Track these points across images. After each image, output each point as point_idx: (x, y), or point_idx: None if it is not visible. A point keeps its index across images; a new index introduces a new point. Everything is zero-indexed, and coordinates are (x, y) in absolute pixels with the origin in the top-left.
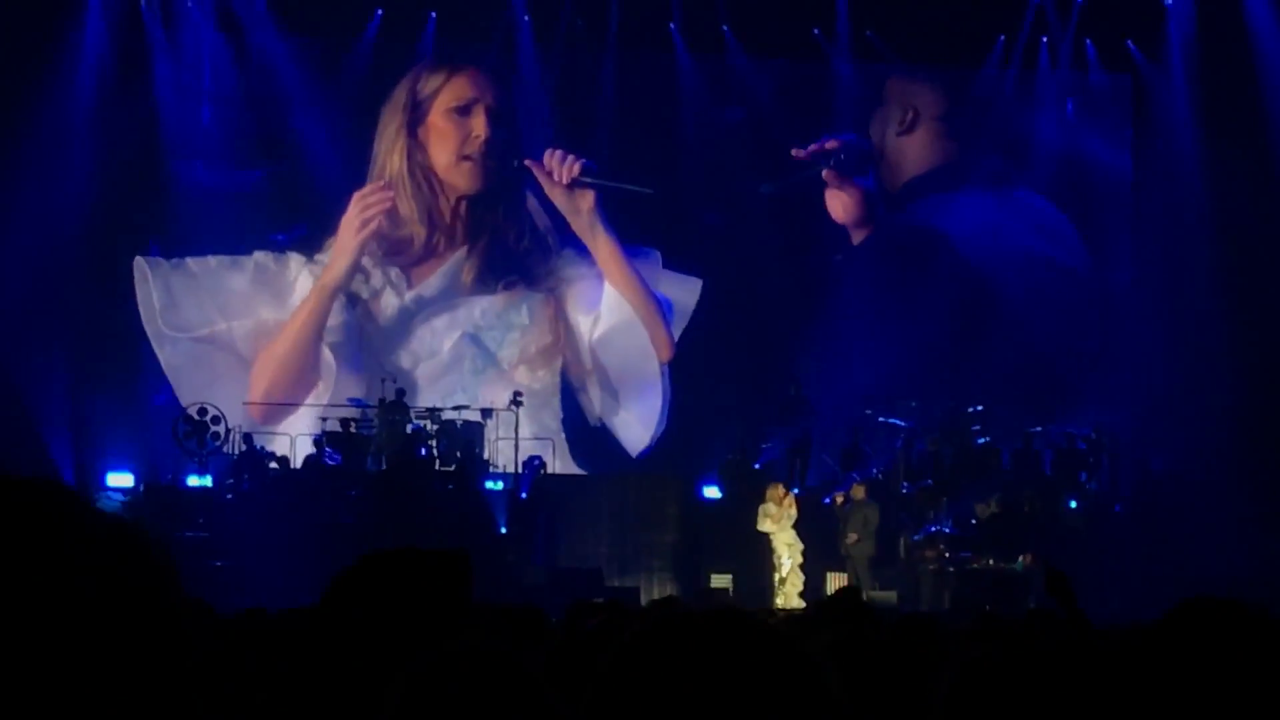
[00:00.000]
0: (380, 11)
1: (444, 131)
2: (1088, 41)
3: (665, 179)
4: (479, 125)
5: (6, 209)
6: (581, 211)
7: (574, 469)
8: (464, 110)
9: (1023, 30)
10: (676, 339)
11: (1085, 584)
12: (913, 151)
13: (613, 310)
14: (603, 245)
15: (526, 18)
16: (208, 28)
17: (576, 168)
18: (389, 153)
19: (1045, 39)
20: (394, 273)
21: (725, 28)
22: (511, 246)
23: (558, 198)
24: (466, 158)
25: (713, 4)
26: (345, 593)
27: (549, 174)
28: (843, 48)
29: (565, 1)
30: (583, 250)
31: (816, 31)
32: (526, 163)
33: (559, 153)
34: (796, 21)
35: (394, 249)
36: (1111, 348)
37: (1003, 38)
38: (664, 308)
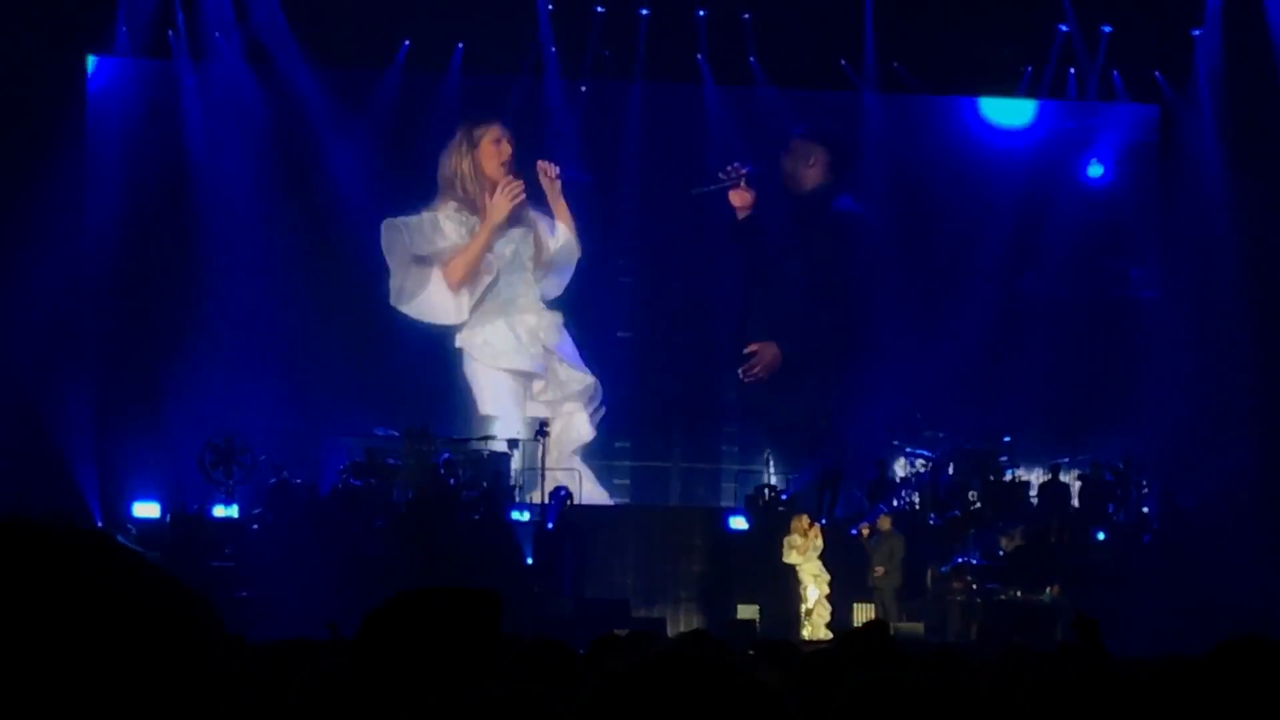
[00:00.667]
0: (407, 43)
1: (489, 152)
2: (1115, 73)
3: (687, 208)
4: (506, 148)
5: (33, 240)
6: (554, 190)
7: (600, 492)
8: (497, 141)
9: (1050, 61)
10: None
11: (1113, 616)
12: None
13: (560, 233)
14: (559, 204)
15: (553, 49)
16: (235, 59)
17: (555, 170)
18: (458, 162)
19: (1072, 70)
20: (474, 219)
21: (752, 59)
22: (516, 206)
23: (544, 184)
24: (501, 164)
25: (741, 36)
26: (378, 631)
27: (544, 173)
28: (870, 78)
29: (592, 32)
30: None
31: (844, 62)
32: (537, 167)
33: (543, 163)
34: (825, 53)
35: (471, 209)
36: (1139, 378)
37: (1030, 68)
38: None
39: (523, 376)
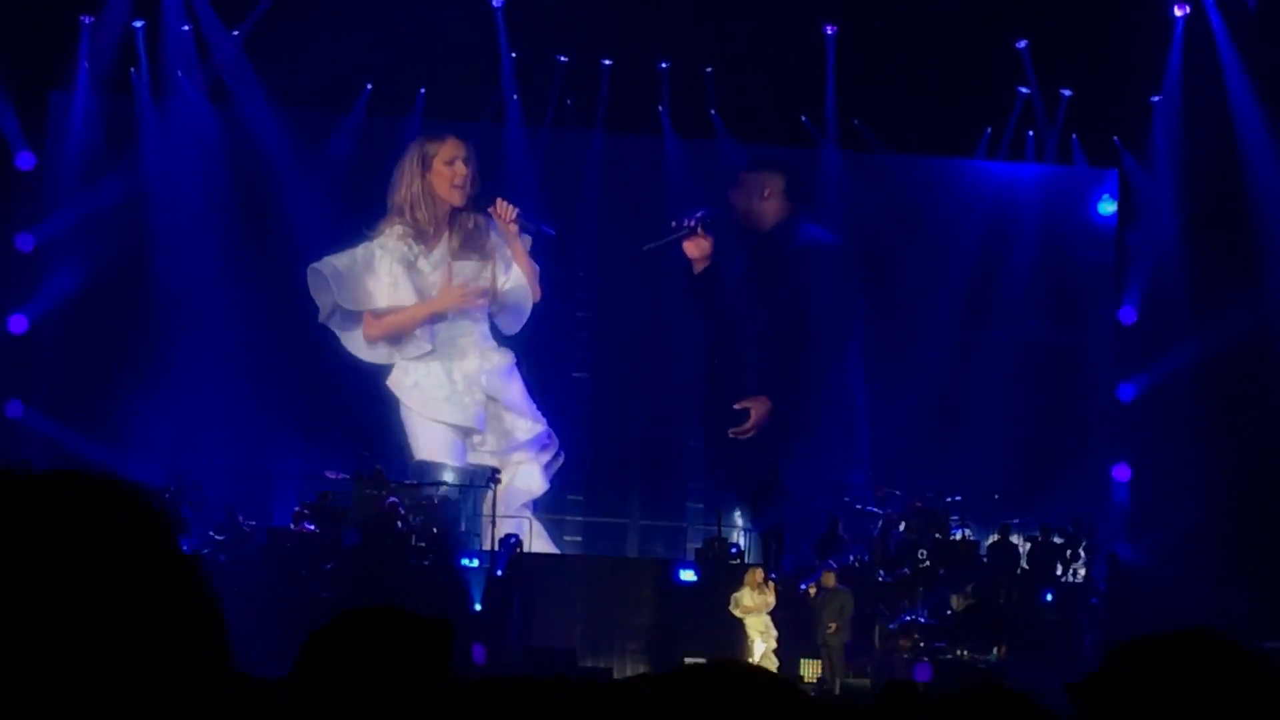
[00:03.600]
0: (370, 86)
1: (441, 173)
2: (1074, 136)
3: (647, 258)
4: (460, 168)
5: None
6: (509, 231)
7: (551, 548)
8: (451, 161)
9: (1010, 123)
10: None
11: (1060, 678)
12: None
13: (514, 273)
14: (515, 244)
15: (515, 96)
16: (198, 99)
17: (512, 213)
18: (409, 184)
19: (1031, 133)
20: (418, 247)
21: (713, 112)
22: (470, 232)
23: (501, 224)
24: (454, 187)
25: (702, 89)
26: (321, 654)
27: (499, 216)
28: (830, 135)
29: (555, 81)
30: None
31: (804, 119)
32: (490, 208)
33: (503, 202)
34: (786, 108)
35: (417, 236)
36: (1090, 439)
37: (989, 130)
38: (535, 272)
39: (460, 429)
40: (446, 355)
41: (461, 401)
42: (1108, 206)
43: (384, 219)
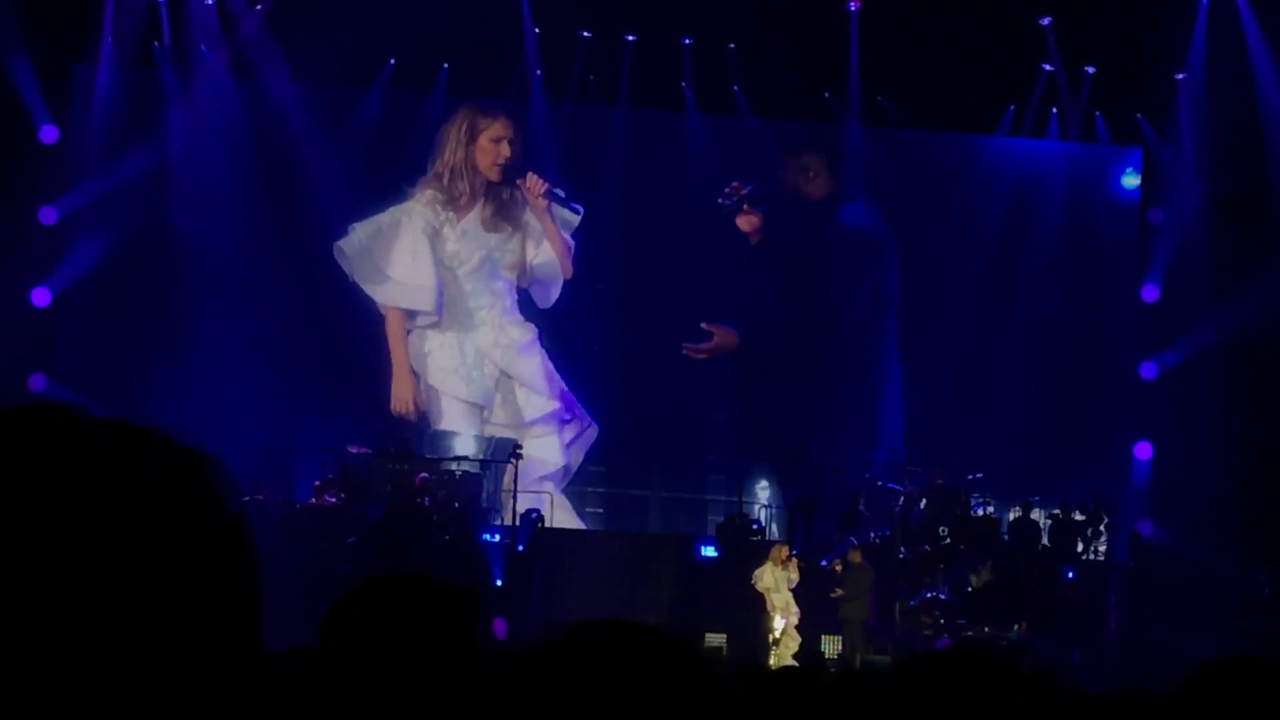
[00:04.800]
0: (392, 61)
1: (486, 149)
2: (1097, 114)
3: (671, 233)
4: (505, 149)
5: (5, 248)
6: (539, 206)
7: (573, 519)
8: (498, 140)
9: (1033, 100)
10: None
11: (1082, 654)
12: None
13: (544, 250)
14: (545, 220)
15: (539, 71)
16: (221, 73)
17: (542, 187)
18: (454, 150)
19: (1055, 110)
20: (446, 214)
21: (736, 88)
22: (505, 203)
23: (530, 198)
24: (495, 164)
25: (725, 65)
26: (345, 622)
27: (529, 189)
28: (854, 111)
29: (578, 56)
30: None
31: (828, 95)
32: (520, 181)
33: (534, 176)
34: (809, 85)
35: (449, 203)
36: (1113, 416)
37: (1013, 107)
38: (569, 248)
39: (468, 403)
40: (461, 327)
41: (470, 376)
42: (1131, 180)
43: (421, 180)
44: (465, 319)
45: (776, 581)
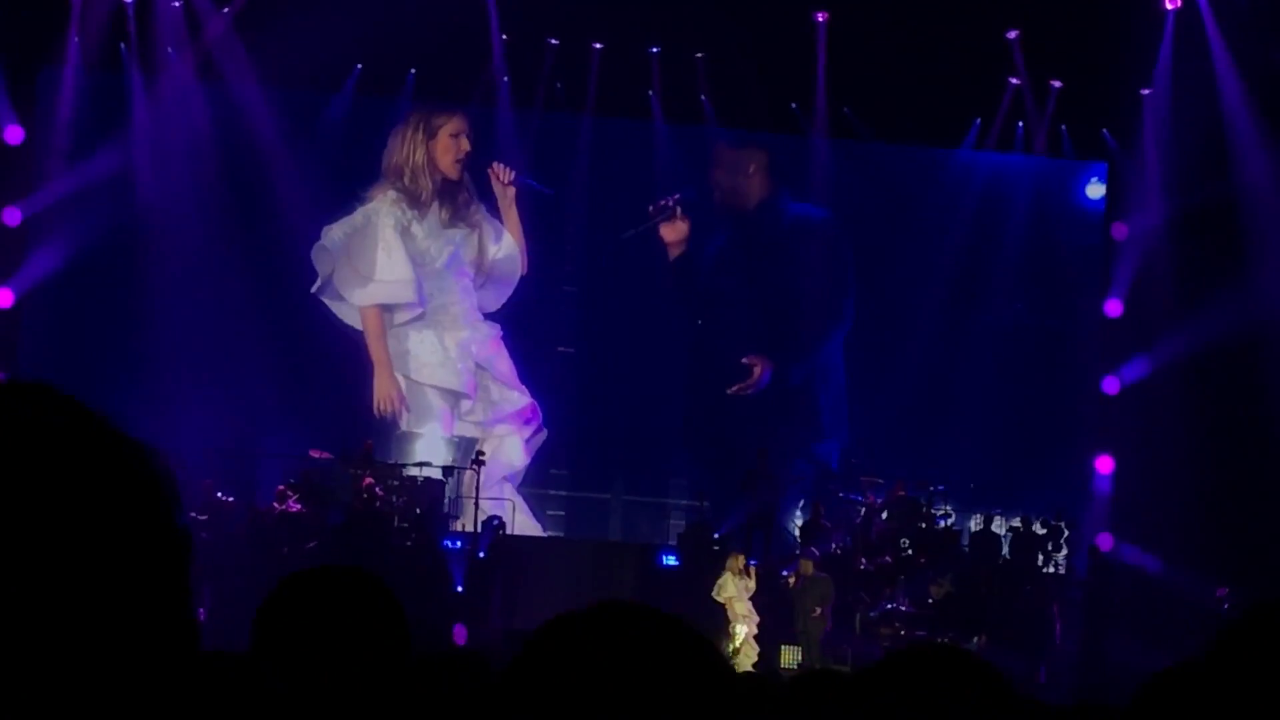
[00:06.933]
0: (359, 67)
1: (446, 145)
2: (1063, 128)
3: (634, 238)
4: (465, 144)
5: None
6: (506, 196)
7: (534, 522)
8: (456, 135)
9: (999, 113)
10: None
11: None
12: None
13: (505, 244)
14: (510, 212)
15: (506, 78)
16: (188, 76)
17: (510, 174)
18: (412, 150)
19: (1021, 124)
20: (411, 213)
21: (704, 98)
22: (459, 205)
23: (496, 189)
24: (456, 161)
25: (693, 75)
26: (272, 620)
27: (496, 177)
28: (820, 122)
29: (545, 64)
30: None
31: (794, 106)
32: (489, 169)
33: (500, 165)
34: (776, 96)
35: (412, 202)
36: (1074, 430)
37: (979, 120)
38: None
39: (450, 395)
40: (438, 323)
41: (455, 367)
42: (1095, 190)
43: (376, 184)
44: (441, 314)
45: (737, 590)
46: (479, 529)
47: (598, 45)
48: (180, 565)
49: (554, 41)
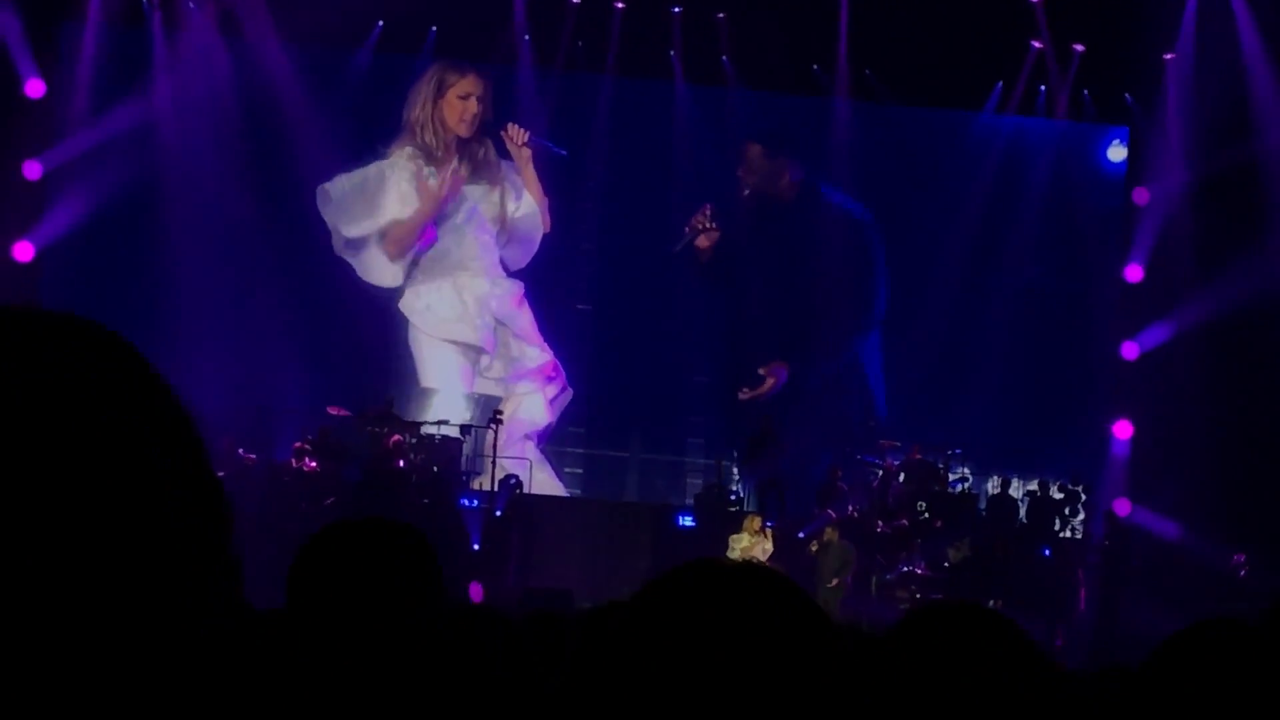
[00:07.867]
0: (380, 24)
1: (453, 105)
2: (1085, 92)
3: (655, 198)
4: (473, 105)
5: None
6: (522, 156)
7: (553, 479)
8: (465, 96)
9: (1021, 77)
10: None
11: (1055, 632)
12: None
13: (525, 202)
14: (528, 171)
15: (527, 37)
16: (210, 31)
17: (524, 135)
18: (423, 106)
19: (1044, 87)
20: (428, 168)
21: (725, 59)
22: (480, 160)
23: (512, 150)
24: (463, 120)
25: (714, 35)
26: (312, 562)
27: (510, 139)
28: (841, 85)
29: (566, 23)
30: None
31: (816, 68)
32: (502, 131)
33: (515, 125)
34: (797, 57)
35: (428, 158)
36: (1093, 395)
37: (1001, 84)
38: (546, 203)
39: (470, 350)
40: (455, 275)
41: (474, 322)
42: (1117, 153)
43: (397, 139)
44: (459, 269)
45: (749, 553)
46: (496, 488)
47: (619, 4)
48: (223, 506)
49: (575, 1)
